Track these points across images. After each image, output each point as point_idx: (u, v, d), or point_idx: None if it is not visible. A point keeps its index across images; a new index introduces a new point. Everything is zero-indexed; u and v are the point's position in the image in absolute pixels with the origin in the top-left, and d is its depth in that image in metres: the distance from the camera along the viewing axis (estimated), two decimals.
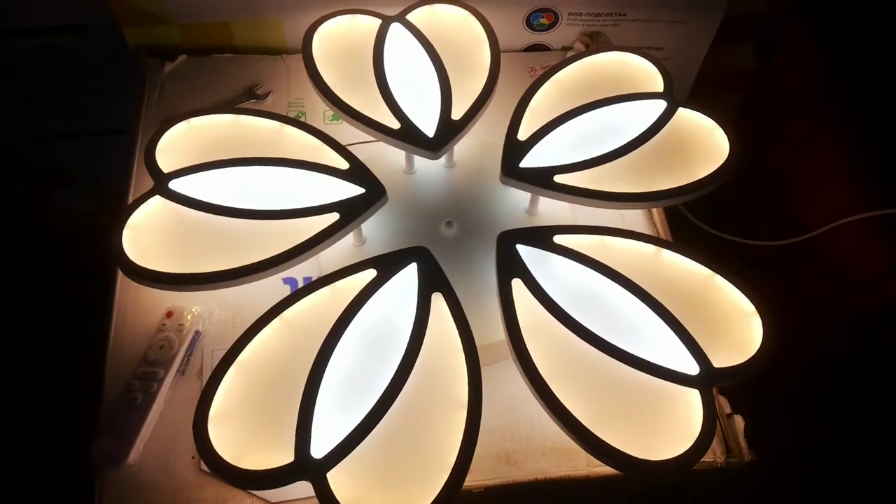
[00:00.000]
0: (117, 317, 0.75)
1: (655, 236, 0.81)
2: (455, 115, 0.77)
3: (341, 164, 0.74)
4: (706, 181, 0.73)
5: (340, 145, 0.76)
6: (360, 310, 0.64)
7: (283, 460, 0.56)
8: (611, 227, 0.71)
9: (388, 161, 0.84)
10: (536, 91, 0.81)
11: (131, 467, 0.66)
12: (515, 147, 0.76)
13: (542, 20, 1.05)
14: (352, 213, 0.71)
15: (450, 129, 0.76)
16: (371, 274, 0.67)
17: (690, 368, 0.62)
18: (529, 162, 0.75)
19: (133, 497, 0.65)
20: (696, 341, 0.63)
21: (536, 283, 0.66)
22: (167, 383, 0.70)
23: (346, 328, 0.63)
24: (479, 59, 0.82)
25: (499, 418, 0.71)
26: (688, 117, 0.78)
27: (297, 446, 0.56)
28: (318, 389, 0.59)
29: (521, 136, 0.76)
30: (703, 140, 0.76)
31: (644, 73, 0.83)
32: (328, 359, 0.61)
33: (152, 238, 0.68)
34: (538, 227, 0.73)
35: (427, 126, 0.76)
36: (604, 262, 0.67)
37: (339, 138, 0.76)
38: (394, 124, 0.76)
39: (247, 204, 0.70)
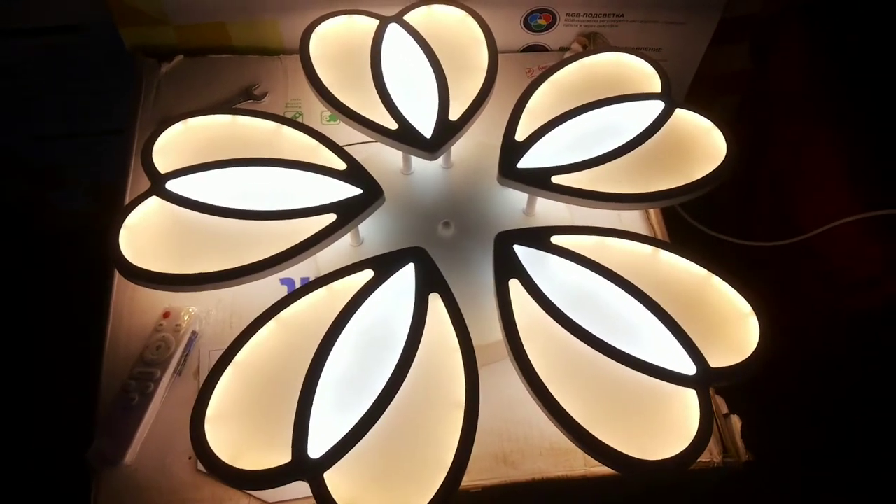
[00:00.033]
0: (114, 317, 0.75)
1: (653, 237, 0.81)
2: (452, 115, 0.77)
3: (338, 165, 0.74)
4: (703, 182, 0.73)
5: (338, 146, 0.76)
6: (357, 310, 0.64)
7: (280, 460, 0.56)
8: (608, 227, 0.71)
9: (386, 162, 0.84)
10: (534, 92, 0.81)
11: (128, 468, 0.66)
12: (513, 148, 0.76)
13: (540, 21, 1.05)
14: (349, 213, 0.71)
15: (447, 130, 0.76)
16: (368, 274, 0.67)
17: (687, 368, 0.62)
18: (527, 162, 0.75)
19: (130, 497, 0.65)
20: (693, 341, 0.63)
21: (534, 283, 0.66)
22: (164, 384, 0.70)
23: (343, 328, 0.63)
24: (476, 59, 0.82)
25: (496, 418, 0.71)
26: (685, 118, 0.78)
27: (294, 446, 0.56)
28: (315, 390, 0.59)
29: (519, 136, 0.76)
30: (700, 141, 0.77)
31: (642, 73, 0.83)
32: (325, 359, 0.61)
33: (149, 238, 0.68)
34: (535, 227, 0.73)
35: (424, 127, 0.76)
36: (601, 263, 0.67)
37: (336, 139, 0.76)
38: (391, 125, 0.76)
39: (244, 204, 0.70)
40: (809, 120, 1.12)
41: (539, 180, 0.74)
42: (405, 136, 0.75)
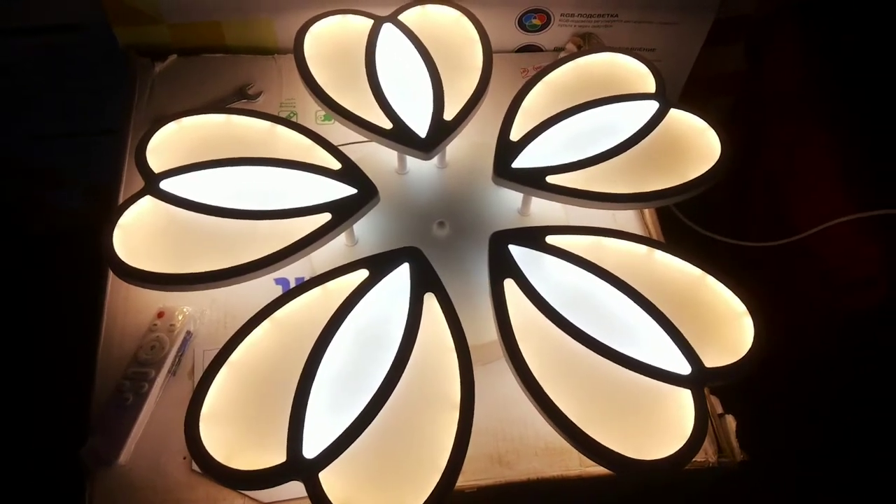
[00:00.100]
0: (108, 317, 0.75)
1: (647, 237, 0.81)
2: (447, 115, 0.77)
3: (333, 165, 0.74)
4: (698, 182, 0.73)
5: (332, 145, 0.75)
6: (352, 310, 0.64)
7: (274, 460, 0.55)
8: (603, 227, 0.71)
9: (381, 161, 0.83)
10: (529, 92, 0.81)
11: (122, 468, 0.66)
12: (508, 147, 0.76)
13: (535, 21, 1.05)
14: (344, 213, 0.71)
15: (442, 130, 0.76)
16: (363, 274, 0.67)
17: (682, 368, 0.62)
18: (522, 162, 0.75)
19: (124, 497, 0.65)
20: (688, 341, 0.63)
21: (529, 283, 0.66)
22: (158, 384, 0.70)
23: (338, 328, 0.62)
24: (471, 59, 0.82)
25: (491, 418, 0.71)
26: (680, 118, 0.78)
27: (288, 446, 0.56)
28: (310, 389, 0.59)
29: (514, 136, 0.76)
30: (694, 141, 0.77)
31: (636, 73, 0.83)
32: (320, 359, 0.60)
33: (143, 238, 0.68)
34: (530, 227, 0.73)
35: (419, 126, 0.76)
36: (596, 263, 0.67)
37: (331, 138, 0.76)
38: (386, 124, 0.76)
39: (238, 204, 0.70)
40: (804, 120, 1.12)
41: (534, 180, 0.74)
42: (400, 135, 0.75)
